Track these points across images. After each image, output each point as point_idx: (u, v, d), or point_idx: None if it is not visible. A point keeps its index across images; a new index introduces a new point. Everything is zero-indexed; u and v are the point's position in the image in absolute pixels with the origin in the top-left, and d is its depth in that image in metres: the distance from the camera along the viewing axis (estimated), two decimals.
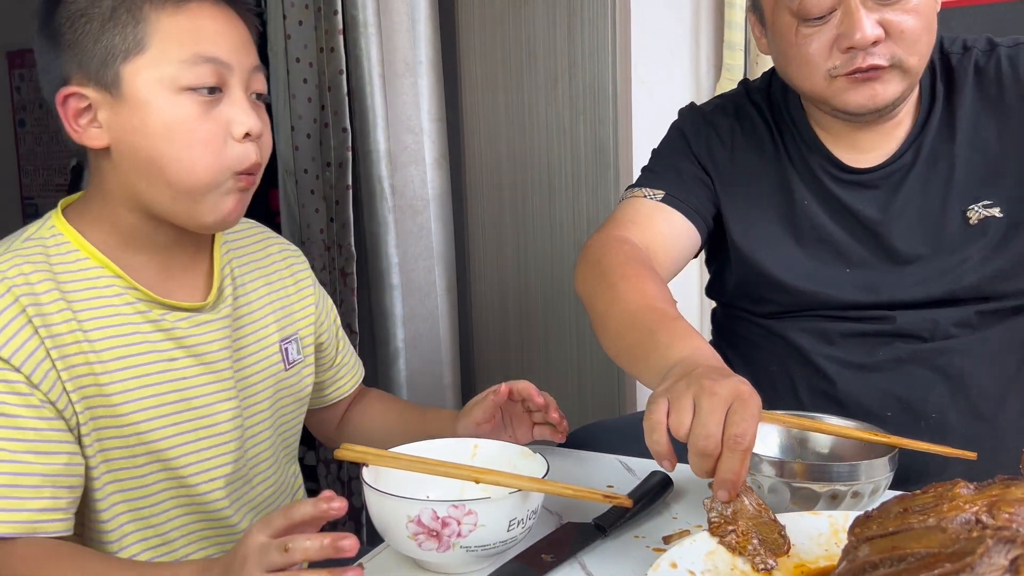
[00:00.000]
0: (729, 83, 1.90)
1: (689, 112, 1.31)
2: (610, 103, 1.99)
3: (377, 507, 0.83)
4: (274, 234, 1.19)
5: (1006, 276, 1.14)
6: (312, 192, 2.13)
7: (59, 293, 0.91)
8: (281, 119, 2.14)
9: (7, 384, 0.87)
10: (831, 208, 1.18)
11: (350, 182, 2.06)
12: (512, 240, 2.20)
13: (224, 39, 0.94)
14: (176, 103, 0.91)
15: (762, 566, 0.75)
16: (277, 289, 1.13)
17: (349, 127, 2.04)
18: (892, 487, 0.91)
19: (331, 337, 1.21)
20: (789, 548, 0.78)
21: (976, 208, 1.13)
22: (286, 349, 1.11)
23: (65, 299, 0.92)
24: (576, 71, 2.04)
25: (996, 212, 1.13)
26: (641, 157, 2.03)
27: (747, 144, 1.24)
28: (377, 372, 2.13)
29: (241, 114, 0.94)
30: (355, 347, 2.16)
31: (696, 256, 1.29)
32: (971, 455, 0.92)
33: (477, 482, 0.86)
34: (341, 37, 2.00)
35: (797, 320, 1.21)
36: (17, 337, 0.88)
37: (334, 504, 0.73)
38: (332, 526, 1.16)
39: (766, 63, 1.83)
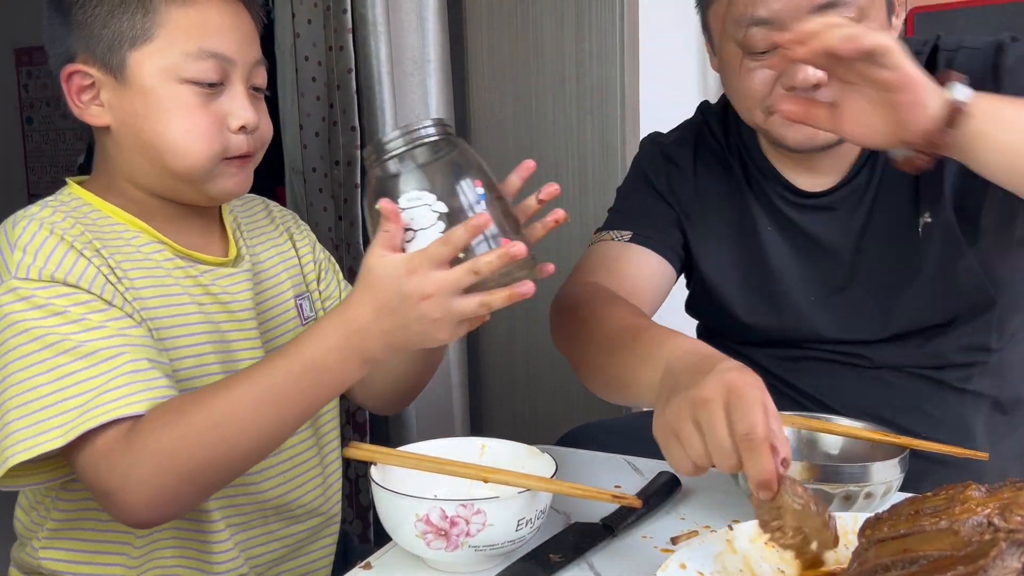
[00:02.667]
0: None
1: (649, 146, 1.29)
2: (618, 103, 1.99)
3: (385, 506, 0.83)
4: (274, 203, 1.22)
5: (954, 295, 1.10)
6: (320, 191, 2.13)
7: (99, 243, 0.93)
8: (289, 117, 2.14)
9: (86, 305, 0.88)
10: (791, 235, 1.16)
11: (359, 180, 2.06)
12: None
13: (230, 34, 0.95)
14: (176, 92, 0.93)
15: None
16: (284, 251, 1.15)
17: (358, 125, 2.04)
18: (900, 489, 0.91)
19: (332, 280, 1.21)
20: (837, 541, 0.74)
21: (926, 217, 1.10)
22: (300, 305, 1.13)
23: (102, 243, 0.93)
24: (584, 70, 2.04)
25: (927, 217, 1.10)
26: None
27: (708, 174, 1.22)
28: None
29: (240, 108, 0.96)
30: None
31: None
32: (983, 455, 0.92)
33: (485, 481, 0.85)
34: (350, 35, 2.00)
35: (769, 349, 1.20)
36: (77, 265, 0.89)
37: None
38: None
39: None
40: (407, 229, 0.80)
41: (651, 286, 1.18)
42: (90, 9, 0.94)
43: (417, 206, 0.80)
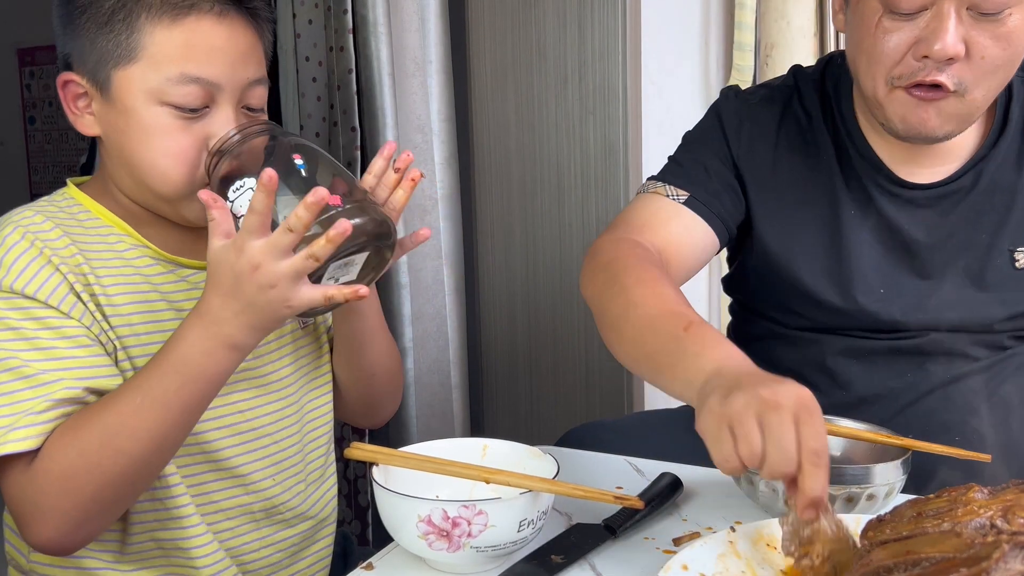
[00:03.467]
0: (739, 84, 1.89)
1: (734, 101, 1.21)
2: (620, 103, 1.99)
3: (387, 506, 0.82)
4: None
5: None
6: None
7: (76, 248, 0.93)
8: (290, 118, 2.15)
9: (41, 322, 0.88)
10: (875, 223, 1.12)
11: None
12: (521, 240, 2.20)
13: (219, 56, 0.92)
14: (157, 115, 0.92)
15: None
16: None
17: (358, 126, 2.04)
18: (902, 491, 0.91)
19: None
20: None
21: (1019, 251, 1.09)
22: None
23: (78, 247, 0.93)
24: (586, 71, 2.04)
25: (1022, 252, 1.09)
26: (650, 157, 2.03)
27: (791, 146, 1.16)
28: None
29: (222, 131, 0.93)
30: None
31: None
32: (985, 457, 0.92)
33: (487, 482, 0.85)
34: (351, 36, 2.00)
35: (825, 335, 1.16)
36: (40, 275, 0.89)
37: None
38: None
39: (776, 65, 1.82)
40: (238, 217, 0.85)
41: (694, 256, 1.14)
42: (82, 23, 0.93)
43: (242, 192, 0.86)
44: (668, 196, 1.14)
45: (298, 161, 0.86)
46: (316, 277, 0.85)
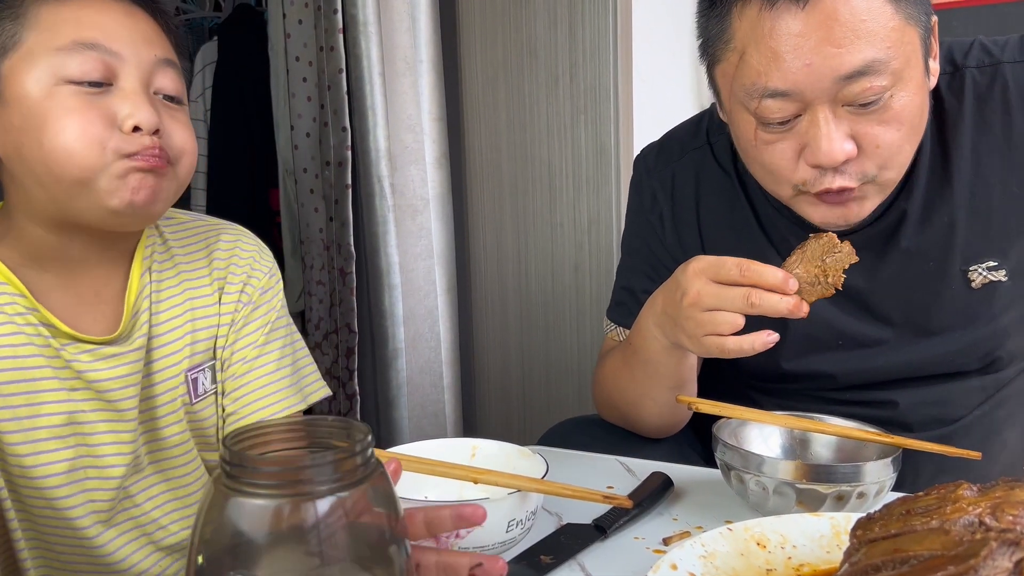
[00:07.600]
0: None
1: (647, 181, 1.17)
2: (611, 102, 1.99)
3: None
4: (235, 239, 1.04)
5: (1010, 337, 1.05)
6: (312, 191, 2.13)
7: None
8: (281, 118, 2.14)
9: None
10: None
11: (350, 181, 2.06)
12: (512, 240, 2.20)
13: (115, 27, 0.84)
14: (54, 95, 0.82)
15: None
16: (200, 308, 1.00)
17: (349, 126, 2.04)
18: (893, 488, 0.91)
19: (249, 337, 1.02)
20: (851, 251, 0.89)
21: (980, 269, 1.01)
22: (194, 380, 0.98)
23: None
24: (577, 70, 2.03)
25: (1002, 276, 1.01)
26: None
27: (715, 220, 1.11)
28: (376, 372, 2.13)
29: (130, 106, 0.83)
30: (354, 347, 2.16)
31: None
32: (975, 455, 0.92)
33: (476, 482, 0.85)
34: (341, 36, 2.00)
35: (791, 398, 1.11)
36: None
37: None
38: None
39: None
40: None
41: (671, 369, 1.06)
42: None
43: None
44: (618, 338, 1.22)
45: None
46: None
